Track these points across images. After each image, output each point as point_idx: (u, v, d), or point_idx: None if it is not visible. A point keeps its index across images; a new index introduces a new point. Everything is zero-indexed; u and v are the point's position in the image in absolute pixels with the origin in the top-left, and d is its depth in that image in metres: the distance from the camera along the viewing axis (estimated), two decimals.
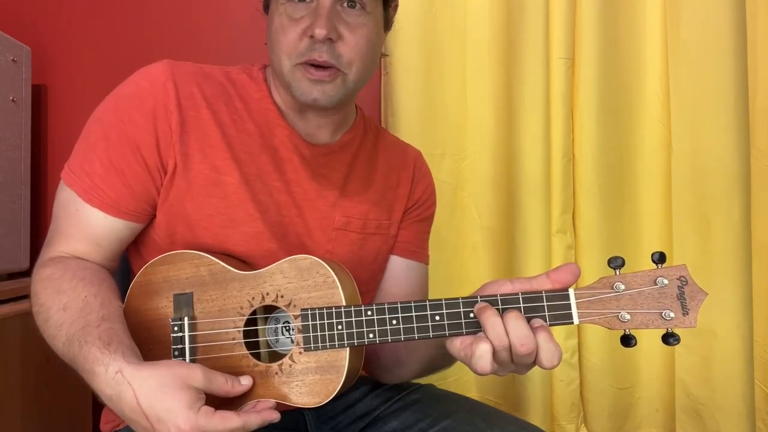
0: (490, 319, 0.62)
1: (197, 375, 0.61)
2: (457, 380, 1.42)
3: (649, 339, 1.45)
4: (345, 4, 0.75)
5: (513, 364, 0.63)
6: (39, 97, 1.45)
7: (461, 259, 1.42)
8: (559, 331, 1.40)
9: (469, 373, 1.44)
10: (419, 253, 0.96)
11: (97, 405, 1.37)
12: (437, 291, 0.92)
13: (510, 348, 0.62)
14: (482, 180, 1.40)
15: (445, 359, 0.75)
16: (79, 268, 0.74)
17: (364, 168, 0.89)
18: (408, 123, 1.37)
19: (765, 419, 1.43)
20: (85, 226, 0.76)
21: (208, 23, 1.47)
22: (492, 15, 1.38)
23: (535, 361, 0.62)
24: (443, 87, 1.41)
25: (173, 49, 1.44)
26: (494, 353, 0.62)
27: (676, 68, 1.39)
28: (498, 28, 1.38)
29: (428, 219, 0.98)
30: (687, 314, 0.61)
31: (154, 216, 0.79)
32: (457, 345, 0.65)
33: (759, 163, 1.41)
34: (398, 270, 0.93)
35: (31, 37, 1.40)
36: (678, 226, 1.39)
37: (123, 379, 0.59)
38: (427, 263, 0.98)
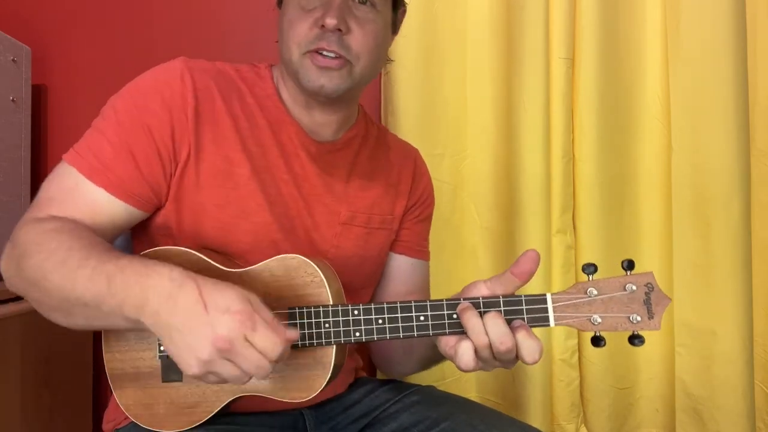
0: (471, 320, 0.66)
1: (251, 292, 0.62)
2: (456, 381, 1.41)
3: (648, 339, 1.45)
4: (356, 0, 0.77)
5: (496, 360, 0.67)
6: (39, 97, 1.44)
7: (461, 259, 1.42)
8: (559, 331, 1.40)
9: (469, 373, 1.44)
10: (422, 251, 0.99)
11: (97, 405, 1.37)
12: (437, 291, 0.93)
13: (490, 346, 0.65)
14: (482, 180, 1.40)
15: (438, 356, 0.77)
16: (91, 231, 0.71)
17: (367, 164, 0.91)
18: (408, 123, 1.37)
19: (765, 419, 1.43)
20: (84, 202, 0.73)
21: (208, 23, 1.47)
22: (492, 15, 1.38)
23: (518, 357, 0.66)
24: (443, 87, 1.40)
25: (173, 49, 1.43)
26: (476, 351, 0.66)
27: (676, 68, 1.39)
28: (498, 28, 1.38)
29: (428, 218, 1.01)
30: (652, 318, 0.66)
31: (158, 207, 0.78)
32: (442, 344, 0.69)
33: (759, 163, 1.41)
34: (404, 268, 0.97)
35: (31, 37, 1.40)
36: (678, 226, 1.39)
37: (188, 275, 0.61)
38: (428, 260, 1.01)
